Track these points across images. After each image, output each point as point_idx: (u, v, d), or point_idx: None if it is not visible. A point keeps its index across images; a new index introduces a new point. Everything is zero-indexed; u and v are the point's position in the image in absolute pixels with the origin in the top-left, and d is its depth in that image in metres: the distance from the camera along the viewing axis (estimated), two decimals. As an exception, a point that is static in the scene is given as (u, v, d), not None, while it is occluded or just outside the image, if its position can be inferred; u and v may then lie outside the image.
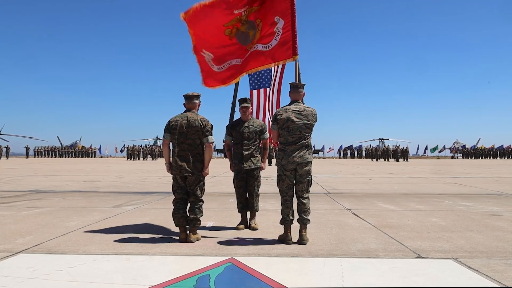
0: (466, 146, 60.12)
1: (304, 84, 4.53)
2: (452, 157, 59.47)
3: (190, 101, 4.57)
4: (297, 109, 4.36)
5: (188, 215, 4.42)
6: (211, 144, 4.43)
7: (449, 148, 62.45)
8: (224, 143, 5.35)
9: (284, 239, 4.23)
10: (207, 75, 5.15)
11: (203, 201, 4.53)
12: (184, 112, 4.54)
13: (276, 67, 9.36)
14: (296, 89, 4.48)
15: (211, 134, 4.44)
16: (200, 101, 4.61)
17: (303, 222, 4.28)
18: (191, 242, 4.24)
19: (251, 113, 5.28)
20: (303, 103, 4.49)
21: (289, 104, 4.43)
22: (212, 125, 4.49)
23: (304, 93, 4.50)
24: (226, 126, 5.18)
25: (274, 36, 4.98)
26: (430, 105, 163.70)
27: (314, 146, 55.96)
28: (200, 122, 4.40)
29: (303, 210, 4.34)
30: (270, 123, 4.43)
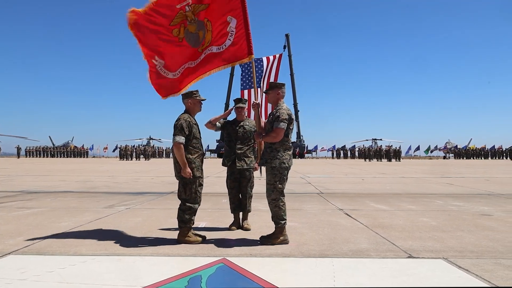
0: (458, 147, 60.64)
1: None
2: (444, 157, 59.96)
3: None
4: None
5: None
6: (174, 144, 4.24)
7: (439, 149, 62.95)
8: (217, 144, 5.30)
9: (284, 240, 4.21)
10: (159, 85, 4.93)
11: (186, 202, 4.31)
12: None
13: (269, 66, 9.36)
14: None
15: (174, 134, 4.25)
16: (189, 101, 4.47)
17: None
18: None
19: (248, 113, 5.28)
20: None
21: (282, 104, 4.39)
22: (177, 125, 4.28)
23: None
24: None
25: (227, 37, 4.84)
26: (423, 106, 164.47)
27: (307, 146, 56.39)
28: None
29: None
30: (272, 122, 4.22)
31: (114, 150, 56.67)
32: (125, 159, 43.47)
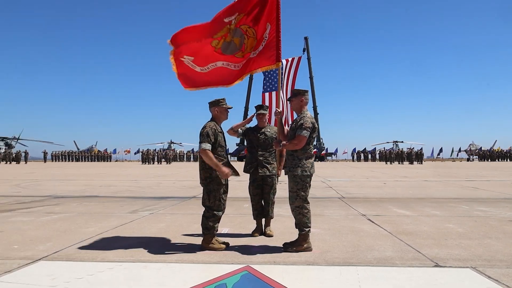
0: (483, 149, 59.05)
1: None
2: (468, 160, 58.55)
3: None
4: None
5: None
6: (201, 151, 4.27)
7: (465, 150, 61.48)
8: (237, 147, 5.33)
9: (308, 247, 4.20)
10: (186, 77, 5.04)
11: (210, 209, 4.36)
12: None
13: (287, 69, 9.36)
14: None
15: (200, 141, 4.30)
16: (216, 109, 4.51)
17: None
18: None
19: (269, 119, 5.26)
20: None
21: (306, 111, 4.39)
22: (203, 132, 4.33)
23: None
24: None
25: (261, 42, 4.92)
26: (446, 107, 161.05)
27: (327, 149, 56.04)
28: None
29: None
30: (295, 129, 4.24)
31: (136, 153, 57.95)
32: (147, 163, 44.12)
